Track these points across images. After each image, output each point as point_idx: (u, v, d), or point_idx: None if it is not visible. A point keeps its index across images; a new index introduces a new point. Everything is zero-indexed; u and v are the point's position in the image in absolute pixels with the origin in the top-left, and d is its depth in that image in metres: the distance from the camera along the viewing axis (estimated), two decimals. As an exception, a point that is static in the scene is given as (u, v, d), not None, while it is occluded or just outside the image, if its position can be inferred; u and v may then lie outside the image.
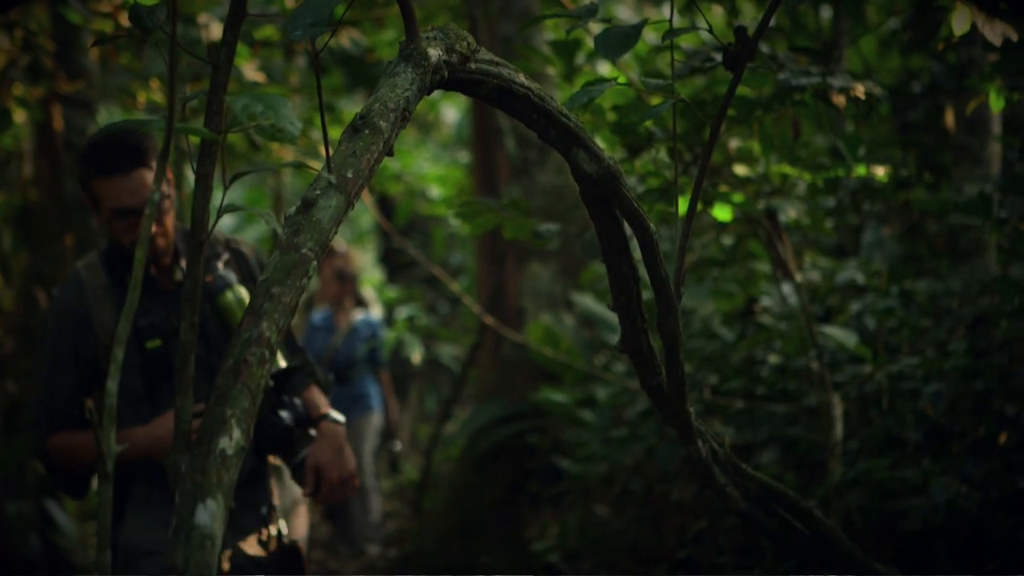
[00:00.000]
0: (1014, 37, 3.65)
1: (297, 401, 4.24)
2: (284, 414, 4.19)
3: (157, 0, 2.08)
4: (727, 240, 6.66)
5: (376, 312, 10.57)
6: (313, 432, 4.24)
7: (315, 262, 1.95)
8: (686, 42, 5.26)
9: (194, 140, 2.07)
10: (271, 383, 4.18)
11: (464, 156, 15.79)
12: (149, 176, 3.94)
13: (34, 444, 4.12)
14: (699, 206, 4.97)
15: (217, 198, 1.99)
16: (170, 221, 4.09)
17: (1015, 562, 4.60)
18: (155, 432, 3.97)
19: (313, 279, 1.98)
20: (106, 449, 1.83)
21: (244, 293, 4.18)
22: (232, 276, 4.18)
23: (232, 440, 1.76)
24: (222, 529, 1.72)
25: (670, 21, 2.78)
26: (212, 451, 1.74)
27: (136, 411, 4.06)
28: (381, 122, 2.16)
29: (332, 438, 4.20)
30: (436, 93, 2.43)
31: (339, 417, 4.27)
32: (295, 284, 1.93)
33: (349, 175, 2.07)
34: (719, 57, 4.51)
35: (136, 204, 3.96)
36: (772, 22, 3.74)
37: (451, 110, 16.35)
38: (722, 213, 5.19)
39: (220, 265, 4.22)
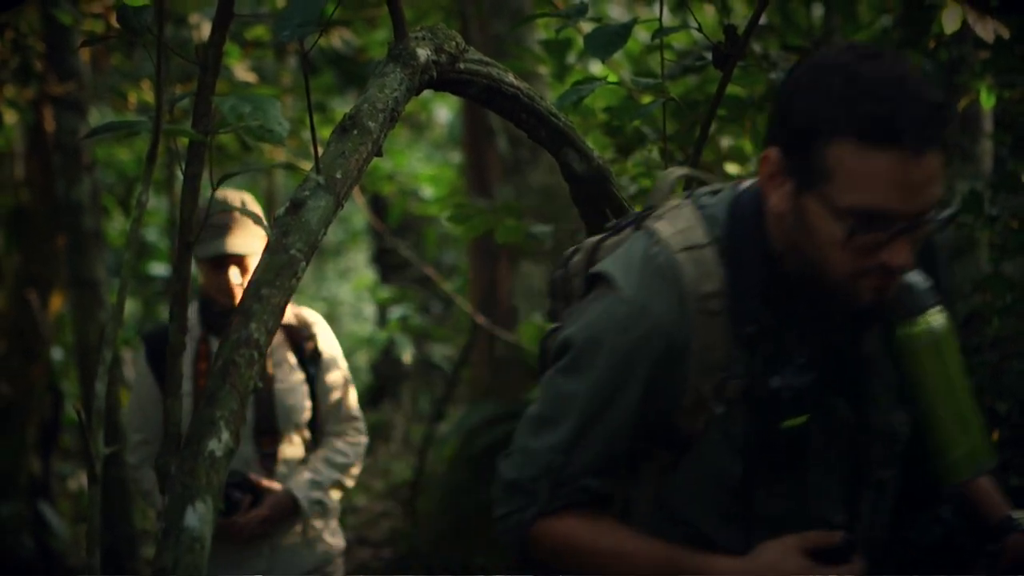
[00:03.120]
0: (1006, 35, 3.65)
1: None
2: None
3: (146, 1, 2.08)
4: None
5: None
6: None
7: (304, 263, 1.95)
8: (678, 41, 5.26)
9: (183, 141, 2.06)
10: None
11: (456, 156, 15.78)
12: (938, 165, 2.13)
13: (507, 529, 2.30)
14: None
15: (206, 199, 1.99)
16: None
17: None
18: (750, 570, 2.19)
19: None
20: (94, 452, 1.83)
21: (944, 321, 2.27)
22: (928, 297, 2.26)
23: (221, 442, 1.76)
24: (211, 531, 1.72)
25: (660, 20, 2.78)
26: (201, 453, 1.74)
27: (723, 518, 2.28)
28: (370, 122, 2.16)
29: None
30: (427, 93, 2.43)
31: None
32: (284, 285, 1.92)
33: (338, 176, 2.07)
34: (710, 56, 4.51)
35: (918, 209, 2.12)
36: (763, 20, 3.75)
37: (443, 110, 16.33)
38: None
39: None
